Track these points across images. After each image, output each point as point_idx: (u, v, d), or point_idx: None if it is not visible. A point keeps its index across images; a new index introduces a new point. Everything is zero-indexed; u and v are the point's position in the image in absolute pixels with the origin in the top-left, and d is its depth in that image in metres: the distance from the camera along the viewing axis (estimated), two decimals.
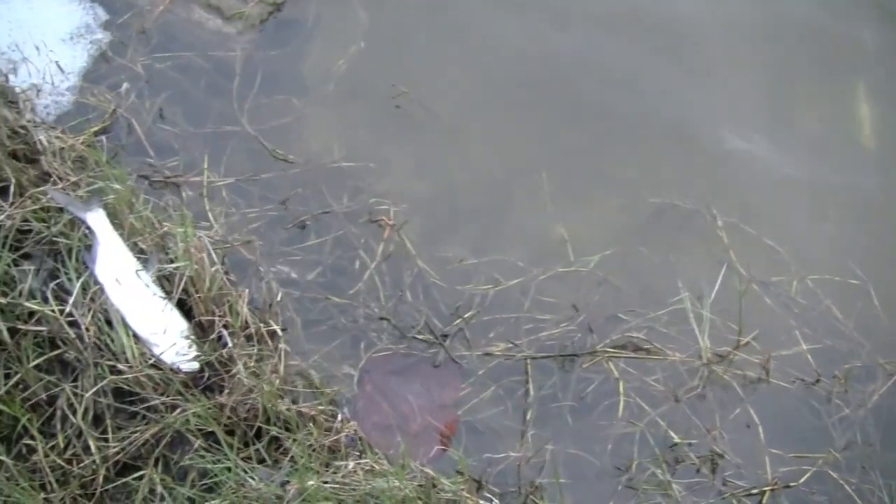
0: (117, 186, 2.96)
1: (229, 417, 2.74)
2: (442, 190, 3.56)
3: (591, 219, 3.60)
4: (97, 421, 2.70)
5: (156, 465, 2.70)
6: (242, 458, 2.68)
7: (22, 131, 3.16)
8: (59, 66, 3.48)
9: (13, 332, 2.69)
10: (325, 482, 2.62)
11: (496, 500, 2.87)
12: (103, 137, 3.33)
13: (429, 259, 3.36)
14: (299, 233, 3.34)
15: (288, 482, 2.57)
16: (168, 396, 2.73)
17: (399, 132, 3.66)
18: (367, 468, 2.73)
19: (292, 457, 2.72)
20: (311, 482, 2.54)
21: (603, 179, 3.74)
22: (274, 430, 2.74)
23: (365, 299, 3.24)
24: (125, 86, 3.49)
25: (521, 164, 3.69)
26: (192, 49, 3.73)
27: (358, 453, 2.85)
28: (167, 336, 2.78)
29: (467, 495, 2.75)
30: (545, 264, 3.42)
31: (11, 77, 3.40)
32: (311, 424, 2.80)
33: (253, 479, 2.61)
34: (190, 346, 2.79)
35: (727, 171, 3.83)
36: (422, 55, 3.93)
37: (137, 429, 2.70)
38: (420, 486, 2.70)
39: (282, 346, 2.95)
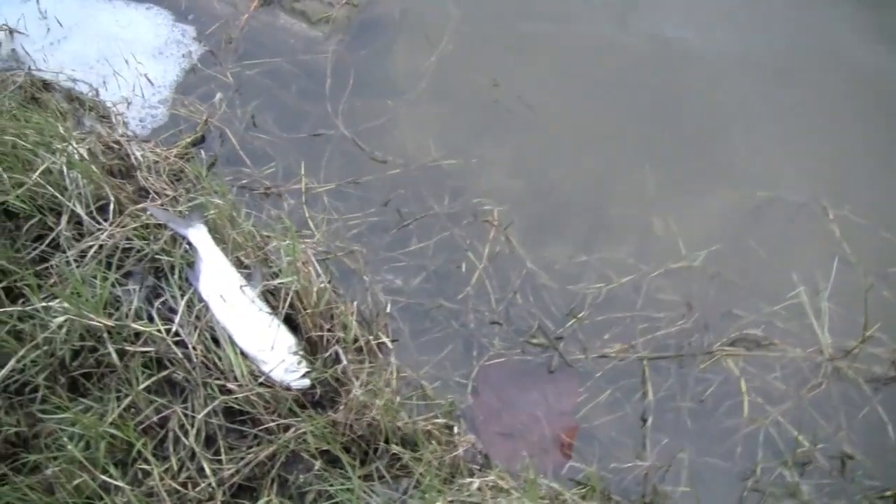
0: (218, 201, 2.83)
1: (344, 435, 2.58)
2: (543, 187, 3.35)
3: (697, 213, 3.36)
4: (209, 442, 2.57)
5: (271, 486, 2.54)
6: (360, 478, 2.51)
7: (116, 146, 3.05)
8: (148, 79, 3.35)
9: (121, 354, 2.57)
10: (451, 501, 2.41)
11: None
12: (197, 149, 3.22)
13: (535, 259, 3.16)
14: (402, 237, 3.17)
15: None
16: (279, 415, 2.59)
17: (496, 129, 3.45)
18: (492, 485, 2.54)
19: (413, 475, 2.55)
20: (438, 503, 2.34)
21: (707, 173, 3.49)
22: (395, 448, 2.57)
23: (474, 304, 3.05)
24: (218, 95, 3.34)
25: (623, 159, 3.46)
26: (279, 55, 3.57)
27: (478, 468, 2.68)
28: (275, 352, 2.63)
29: None
30: (655, 260, 3.20)
31: (102, 91, 3.26)
32: (430, 440, 2.63)
33: (374, 501, 2.42)
34: (299, 363, 2.63)
35: (835, 164, 3.55)
36: (516, 49, 3.70)
37: (252, 449, 2.56)
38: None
39: (392, 358, 2.78)
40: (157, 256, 2.75)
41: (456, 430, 2.74)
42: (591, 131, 3.51)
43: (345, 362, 2.63)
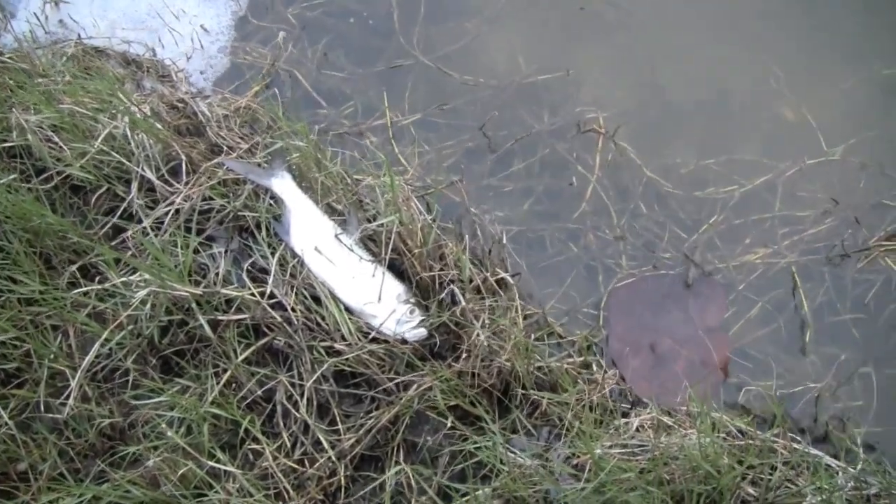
0: (300, 143, 2.40)
1: (473, 386, 2.16)
2: (650, 91, 2.85)
3: (826, 101, 2.83)
4: (322, 412, 2.20)
5: (397, 453, 2.16)
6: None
7: (181, 105, 2.64)
8: (204, 28, 2.92)
9: (214, 325, 2.18)
10: (610, 447, 1.94)
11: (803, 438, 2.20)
12: (267, 96, 2.77)
13: (654, 166, 2.69)
14: (502, 161, 2.71)
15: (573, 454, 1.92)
16: (396, 373, 2.20)
17: (587, 36, 2.94)
18: (653, 422, 2.09)
19: (557, 422, 2.11)
20: (597, 451, 1.87)
21: (831, 57, 2.93)
22: (534, 394, 2.14)
23: (593, 221, 2.62)
24: (281, 34, 2.88)
25: (737, 54, 2.92)
26: None
27: (628, 406, 2.25)
28: (384, 303, 2.23)
29: (782, 440, 2.04)
30: (787, 157, 2.71)
31: (158, 49, 2.86)
32: (571, 381, 2.19)
33: (520, 456, 1.97)
34: (412, 311, 2.24)
35: None
36: None
37: (371, 415, 2.17)
38: (728, 437, 2.00)
39: (516, 294, 2.37)
40: (239, 214, 2.36)
41: (595, 367, 2.33)
42: (693, 28, 2.97)
43: (463, 303, 2.20)
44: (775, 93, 2.82)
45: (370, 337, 2.23)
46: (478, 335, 2.13)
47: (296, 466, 2.11)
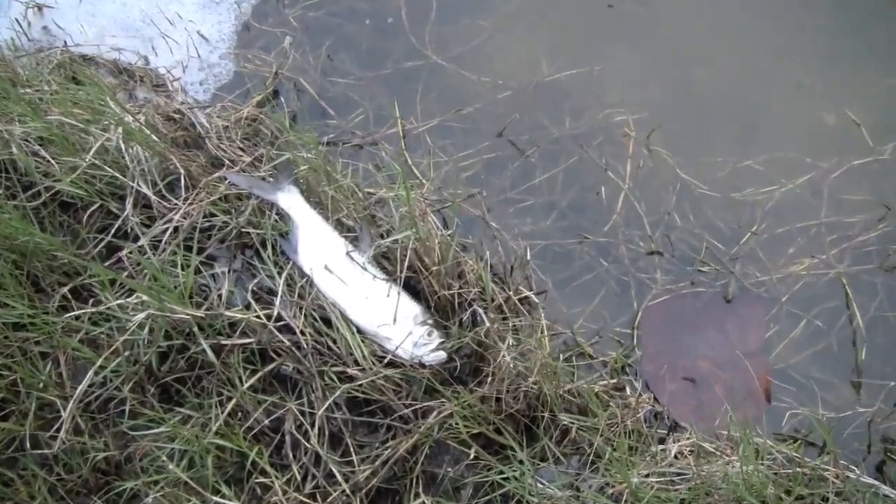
0: (308, 155, 2.46)
1: (498, 412, 2.20)
2: (682, 89, 2.94)
3: (868, 99, 2.90)
4: (335, 442, 2.24)
5: (416, 485, 2.20)
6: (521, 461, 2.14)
7: (178, 116, 2.71)
8: (202, 35, 2.99)
9: (217, 350, 2.23)
10: (647, 475, 1.99)
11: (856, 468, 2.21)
12: (271, 107, 2.86)
13: (689, 170, 2.76)
14: (524, 171, 2.78)
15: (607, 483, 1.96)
16: (414, 399, 2.24)
17: (613, 33, 3.04)
18: (693, 449, 2.13)
19: (586, 449, 2.17)
20: (633, 479, 1.91)
21: (868, 53, 3.01)
22: (565, 419, 2.18)
23: (625, 233, 2.67)
24: (288, 39, 2.96)
25: (769, 49, 3.02)
26: None
27: (665, 432, 2.30)
28: (400, 325, 2.28)
29: (832, 468, 2.07)
30: (831, 156, 2.78)
31: (151, 58, 2.94)
32: (603, 405, 2.24)
33: (550, 487, 2.01)
34: (430, 333, 2.28)
35: None
36: None
37: (387, 444, 2.21)
38: (774, 465, 2.04)
39: (542, 314, 2.42)
40: (243, 231, 2.42)
41: (628, 389, 2.38)
42: (725, 28, 3.07)
43: (487, 323, 2.24)
44: (816, 89, 2.89)
45: (385, 361, 2.26)
46: (503, 357, 2.17)
47: (307, 501, 2.13)
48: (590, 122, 2.83)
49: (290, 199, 2.43)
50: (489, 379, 2.21)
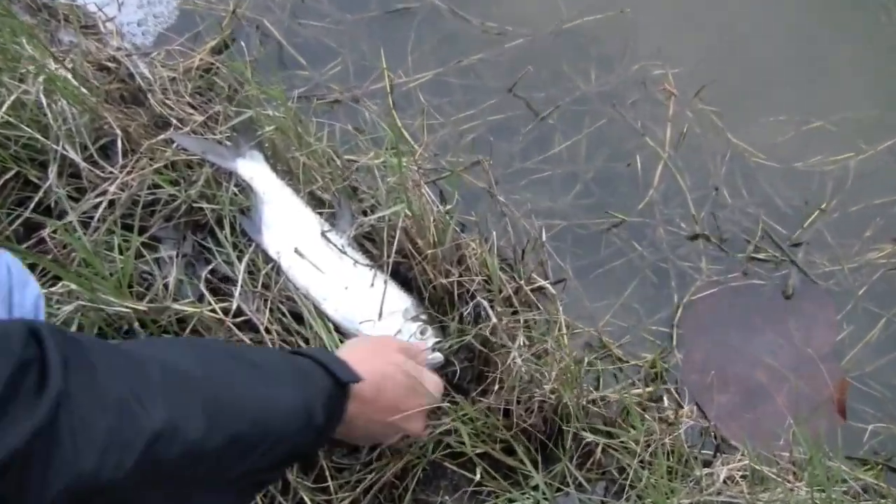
0: (274, 113, 2.32)
1: (511, 427, 2.05)
2: (729, 40, 2.82)
3: None
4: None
5: None
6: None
7: (112, 65, 2.56)
8: None
9: None
10: None
11: None
12: (228, 55, 2.71)
13: (742, 135, 2.64)
14: (540, 136, 2.64)
15: None
16: None
17: None
18: (747, 474, 2.01)
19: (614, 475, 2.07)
20: None
21: None
22: (588, 436, 2.04)
23: (663, 212, 2.53)
24: None
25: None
26: None
27: (710, 453, 2.16)
28: (386, 321, 2.16)
29: None
30: None
31: None
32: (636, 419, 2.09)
33: None
34: (423, 331, 2.15)
35: None
36: None
37: (372, 467, 2.06)
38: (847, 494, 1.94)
39: (560, 308, 2.28)
40: (195, 206, 2.28)
41: (666, 400, 2.24)
42: None
43: (493, 319, 2.09)
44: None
45: None
46: (513, 360, 2.03)
47: None
48: (621, 76, 2.73)
49: (252, 167, 2.30)
50: (496, 387, 2.07)
